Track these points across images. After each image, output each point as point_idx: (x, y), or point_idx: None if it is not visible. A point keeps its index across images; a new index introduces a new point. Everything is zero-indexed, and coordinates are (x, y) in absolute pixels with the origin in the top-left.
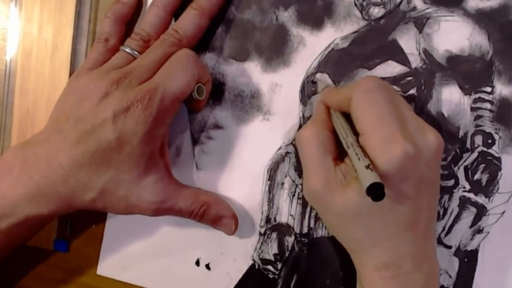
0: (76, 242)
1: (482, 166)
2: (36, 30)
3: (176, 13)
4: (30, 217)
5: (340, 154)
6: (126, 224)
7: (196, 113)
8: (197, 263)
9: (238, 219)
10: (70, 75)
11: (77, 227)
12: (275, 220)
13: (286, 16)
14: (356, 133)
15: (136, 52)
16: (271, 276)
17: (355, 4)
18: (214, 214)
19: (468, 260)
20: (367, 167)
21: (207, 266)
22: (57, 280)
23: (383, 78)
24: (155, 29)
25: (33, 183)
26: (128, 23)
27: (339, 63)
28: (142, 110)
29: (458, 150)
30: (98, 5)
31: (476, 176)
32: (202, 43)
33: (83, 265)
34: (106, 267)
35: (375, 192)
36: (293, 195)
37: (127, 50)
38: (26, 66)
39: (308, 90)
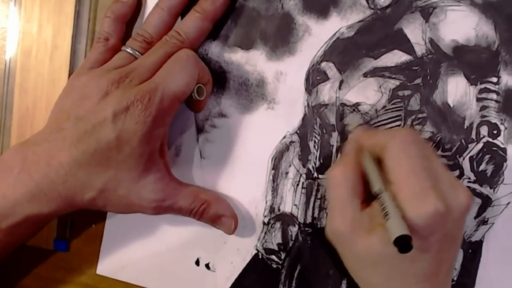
0: (76, 242)
1: (487, 156)
2: (36, 29)
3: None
4: (31, 216)
5: (366, 197)
6: (126, 224)
7: (196, 113)
8: (197, 262)
9: (238, 218)
10: (69, 75)
11: (77, 226)
12: (279, 210)
13: (292, 4)
14: (385, 179)
15: (137, 53)
16: (274, 266)
17: None
18: (214, 212)
19: (472, 252)
20: (397, 218)
21: (207, 266)
22: (57, 279)
23: (388, 68)
24: (158, 31)
25: (33, 182)
26: (127, 23)
27: (345, 52)
28: (142, 110)
29: (463, 141)
30: (97, 5)
31: (481, 167)
32: None
33: (83, 264)
34: (106, 266)
35: (403, 243)
36: (297, 185)
37: (129, 50)
38: (25, 66)
39: (313, 79)
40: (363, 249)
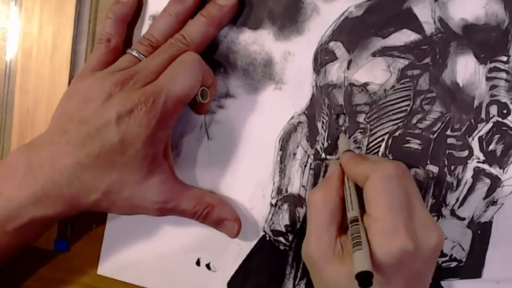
0: (76, 242)
1: (496, 136)
2: (36, 30)
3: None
4: (36, 219)
5: (344, 224)
6: (127, 224)
7: (199, 115)
8: (198, 263)
9: (241, 222)
10: (70, 75)
11: (77, 227)
12: (286, 191)
13: None
14: (363, 207)
15: (142, 56)
16: (282, 247)
17: None
18: (217, 216)
19: (481, 232)
20: (364, 251)
21: (208, 266)
22: (58, 280)
23: (397, 47)
24: (164, 36)
25: (37, 185)
26: (128, 24)
27: (353, 32)
28: (146, 112)
29: (472, 120)
30: (98, 5)
31: (491, 147)
32: None
33: (84, 265)
34: (107, 267)
35: (364, 278)
36: (305, 166)
37: (134, 53)
38: (26, 66)
39: (321, 59)
40: (332, 276)
